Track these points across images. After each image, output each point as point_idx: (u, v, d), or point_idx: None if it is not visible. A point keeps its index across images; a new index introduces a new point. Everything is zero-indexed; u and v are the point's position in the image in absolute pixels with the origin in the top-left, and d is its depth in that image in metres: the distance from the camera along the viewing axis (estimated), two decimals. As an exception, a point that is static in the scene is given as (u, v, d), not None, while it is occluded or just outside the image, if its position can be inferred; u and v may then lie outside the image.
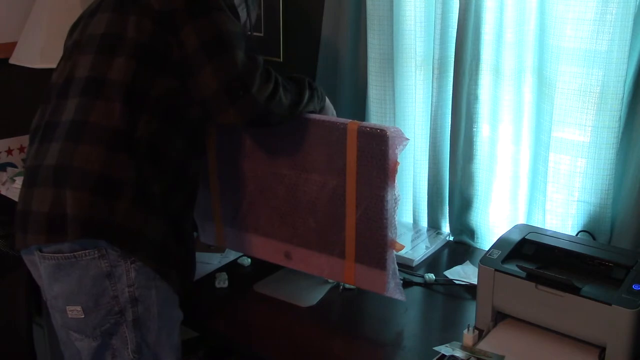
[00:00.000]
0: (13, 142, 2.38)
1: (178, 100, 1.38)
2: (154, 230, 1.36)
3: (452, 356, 1.34)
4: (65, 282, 1.34)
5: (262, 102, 1.36)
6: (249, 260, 1.81)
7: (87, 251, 1.32)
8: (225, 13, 1.37)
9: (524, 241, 1.47)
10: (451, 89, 1.80)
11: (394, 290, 1.49)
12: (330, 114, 1.63)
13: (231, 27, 1.36)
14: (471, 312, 1.49)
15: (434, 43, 1.80)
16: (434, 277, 1.72)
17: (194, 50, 1.33)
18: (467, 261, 1.80)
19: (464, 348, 1.36)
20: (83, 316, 1.35)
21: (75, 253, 1.32)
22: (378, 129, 1.41)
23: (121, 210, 1.31)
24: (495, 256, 1.42)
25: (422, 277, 1.72)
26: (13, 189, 2.19)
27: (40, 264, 1.38)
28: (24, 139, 2.33)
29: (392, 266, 1.47)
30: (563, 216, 1.73)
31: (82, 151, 1.32)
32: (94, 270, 1.33)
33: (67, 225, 1.30)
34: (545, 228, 1.69)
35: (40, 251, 1.35)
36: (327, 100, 1.63)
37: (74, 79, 1.39)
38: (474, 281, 1.59)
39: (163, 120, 1.37)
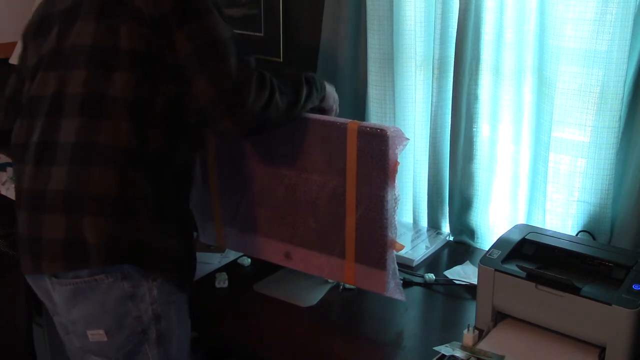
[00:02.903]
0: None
1: (179, 108, 1.35)
2: (174, 242, 1.35)
3: (452, 356, 1.34)
4: (85, 306, 1.31)
5: (258, 111, 1.32)
6: (249, 260, 1.81)
7: (108, 274, 1.29)
8: (215, 15, 1.34)
9: (524, 241, 1.47)
10: (451, 89, 1.80)
11: (394, 290, 1.49)
12: (332, 100, 1.60)
13: (223, 32, 1.33)
14: (471, 312, 1.49)
15: (434, 43, 1.80)
16: (434, 277, 1.72)
17: (187, 58, 1.29)
18: (467, 261, 1.80)
19: (464, 348, 1.36)
20: (106, 339, 1.33)
21: (95, 277, 1.29)
22: (378, 128, 1.41)
23: (143, 230, 1.29)
24: (495, 256, 1.42)
25: (422, 277, 1.72)
26: (13, 189, 2.19)
27: (53, 290, 1.34)
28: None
29: (392, 266, 1.47)
30: (563, 216, 1.73)
31: (95, 175, 1.27)
32: (116, 293, 1.30)
33: (89, 253, 1.26)
34: (545, 228, 1.69)
35: (56, 277, 1.31)
36: (328, 86, 1.59)
37: (67, 96, 1.32)
38: (474, 281, 1.59)
39: (168, 129, 1.34)
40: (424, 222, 2.01)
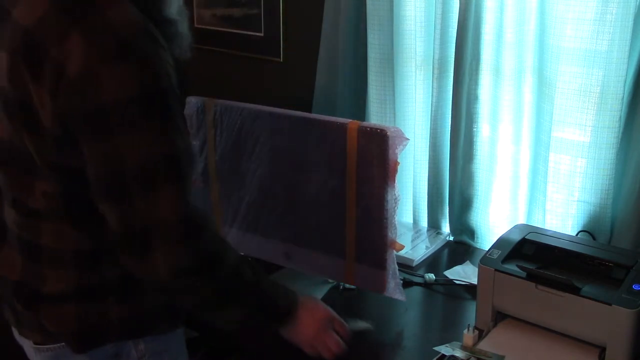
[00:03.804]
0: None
1: None
2: (155, 301, 1.22)
3: (452, 356, 1.34)
4: None
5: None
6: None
7: None
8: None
9: (524, 241, 1.47)
10: (451, 89, 1.80)
11: (394, 290, 1.49)
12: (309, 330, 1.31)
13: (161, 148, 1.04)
14: (471, 312, 1.49)
15: (434, 43, 1.80)
16: (434, 277, 1.72)
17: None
18: (467, 261, 1.80)
19: (464, 348, 1.36)
20: None
21: None
22: (378, 128, 1.41)
23: (115, 310, 1.19)
24: (495, 256, 1.42)
25: (422, 277, 1.72)
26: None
27: (34, 355, 1.25)
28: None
29: (392, 266, 1.47)
30: (563, 216, 1.73)
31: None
32: (98, 355, 1.20)
33: (65, 338, 1.19)
34: (545, 228, 1.69)
35: (35, 343, 1.23)
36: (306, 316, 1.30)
37: None
38: (474, 281, 1.59)
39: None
40: (424, 222, 2.01)
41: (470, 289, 1.66)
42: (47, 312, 1.18)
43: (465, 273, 1.74)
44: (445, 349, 1.36)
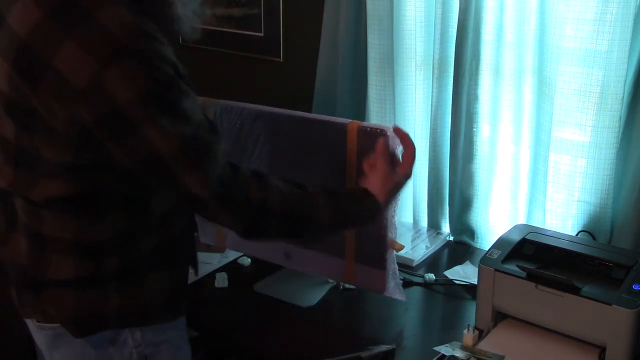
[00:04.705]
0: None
1: None
2: (160, 284, 1.25)
3: (452, 356, 1.34)
4: (67, 351, 1.26)
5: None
6: (249, 260, 1.81)
7: None
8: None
9: (524, 241, 1.47)
10: (451, 89, 1.80)
11: (394, 290, 1.49)
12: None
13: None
14: (471, 312, 1.49)
15: (434, 43, 1.80)
16: (434, 277, 1.72)
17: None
18: (467, 261, 1.80)
19: (464, 348, 1.36)
20: None
21: None
22: (378, 128, 1.41)
23: (114, 298, 1.21)
24: (495, 256, 1.42)
25: (422, 277, 1.72)
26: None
27: (36, 332, 1.29)
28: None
29: (392, 266, 1.47)
30: (563, 216, 1.73)
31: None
32: (96, 338, 1.22)
33: (64, 323, 1.22)
34: (545, 228, 1.69)
35: (37, 321, 1.26)
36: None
37: None
38: (474, 281, 1.59)
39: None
40: (424, 222, 2.01)
41: (470, 289, 1.66)
42: (49, 297, 1.21)
43: (465, 273, 1.74)
44: (445, 349, 1.36)
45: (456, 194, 1.90)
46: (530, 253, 1.46)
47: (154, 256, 1.24)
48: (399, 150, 1.41)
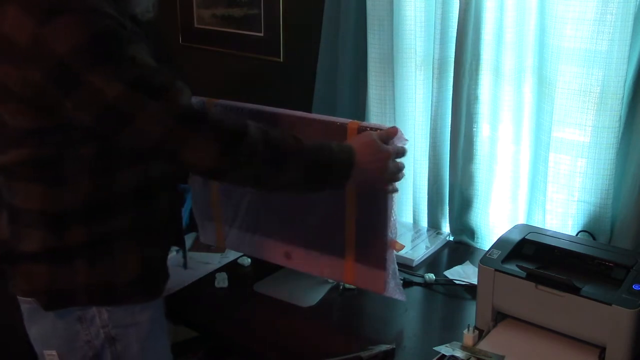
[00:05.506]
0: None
1: None
2: (131, 263, 1.27)
3: (452, 356, 1.34)
4: (41, 325, 1.29)
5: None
6: (249, 260, 1.81)
7: None
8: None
9: (524, 241, 1.47)
10: (451, 89, 1.80)
11: (394, 290, 1.49)
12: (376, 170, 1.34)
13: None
14: (471, 312, 1.49)
15: (434, 43, 1.80)
16: (434, 277, 1.72)
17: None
18: (467, 261, 1.80)
19: (464, 348, 1.36)
20: None
21: None
22: (378, 128, 1.41)
23: (82, 274, 1.23)
24: (495, 256, 1.42)
25: (422, 277, 1.72)
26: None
27: (21, 305, 1.32)
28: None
29: (392, 266, 1.47)
30: (563, 216, 1.73)
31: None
32: (66, 314, 1.26)
33: (35, 296, 1.26)
34: (545, 228, 1.69)
35: (20, 295, 1.30)
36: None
37: None
38: (474, 281, 1.59)
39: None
40: (424, 222, 2.01)
41: (470, 289, 1.66)
42: (22, 270, 1.25)
43: (465, 273, 1.74)
44: (445, 349, 1.36)
45: (456, 194, 1.90)
46: (530, 253, 1.46)
47: (130, 232, 1.25)
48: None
